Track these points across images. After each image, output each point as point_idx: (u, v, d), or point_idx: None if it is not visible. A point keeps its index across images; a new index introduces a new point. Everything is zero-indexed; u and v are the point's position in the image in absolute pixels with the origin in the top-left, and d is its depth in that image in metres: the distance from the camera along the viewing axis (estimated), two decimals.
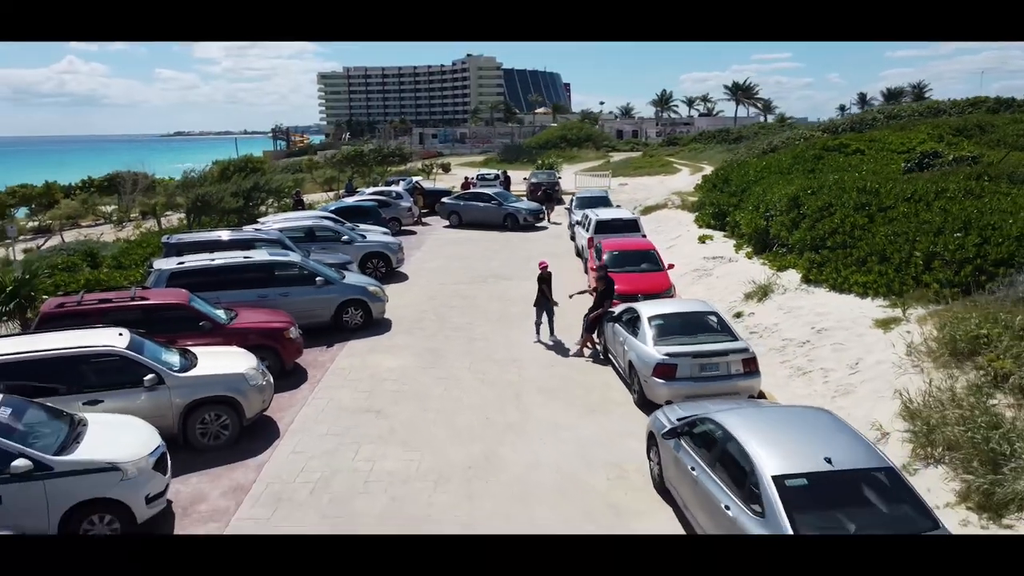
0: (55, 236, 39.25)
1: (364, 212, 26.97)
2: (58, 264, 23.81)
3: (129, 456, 8.57)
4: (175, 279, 15.24)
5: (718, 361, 11.34)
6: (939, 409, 9.66)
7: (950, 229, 14.97)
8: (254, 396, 11.23)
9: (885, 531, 6.41)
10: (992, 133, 30.81)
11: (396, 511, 9.30)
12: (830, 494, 6.75)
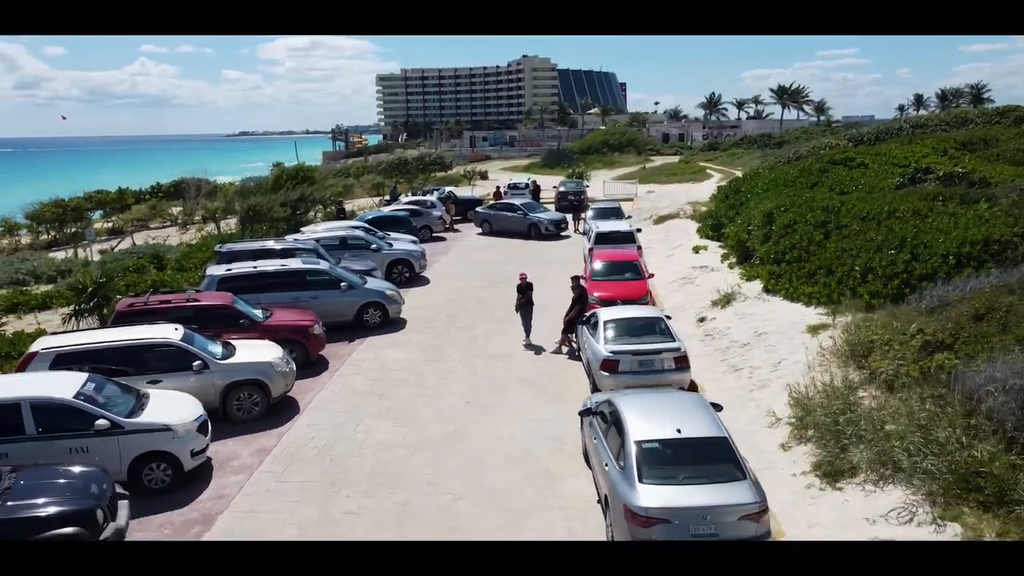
0: (127, 238, 43.31)
1: (397, 221, 29.90)
2: (129, 267, 27.36)
3: (179, 421, 11.45)
4: (224, 283, 18.30)
5: (654, 358, 13.72)
6: (815, 400, 11.90)
7: (888, 247, 16.99)
8: (279, 380, 14.08)
9: (707, 480, 8.80)
10: (995, 147, 31.99)
11: (380, 470, 11.98)
12: (674, 454, 9.16)
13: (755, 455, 11.45)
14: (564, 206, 38.10)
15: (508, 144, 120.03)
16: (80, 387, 11.25)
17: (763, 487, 8.97)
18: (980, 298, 13.67)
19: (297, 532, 10.24)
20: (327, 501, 11.03)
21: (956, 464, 9.27)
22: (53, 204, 48.22)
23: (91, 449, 10.77)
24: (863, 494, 9.84)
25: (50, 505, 8.89)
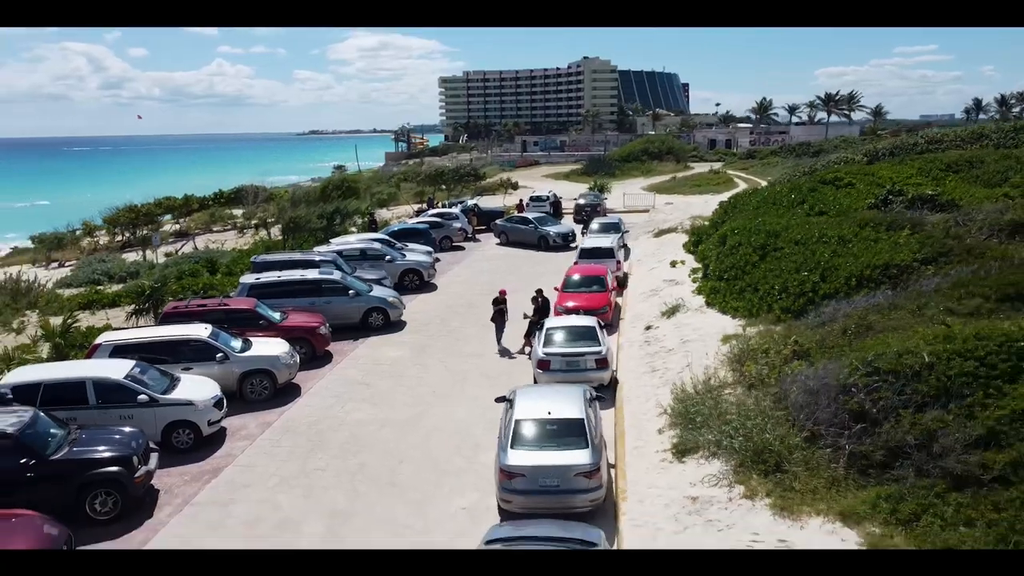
0: (190, 242, 48.24)
1: (417, 233, 33.62)
2: (185, 271, 31.71)
3: (199, 398, 15.24)
4: (253, 290, 22.22)
5: (579, 359, 16.96)
6: (690, 396, 14.98)
7: (804, 269, 19.81)
8: (284, 370, 17.81)
9: (559, 447, 12.03)
10: (978, 169, 33.76)
11: (351, 440, 15.55)
12: (541, 429, 12.42)
13: (638, 437, 14.67)
14: (581, 218, 41.25)
15: (558, 149, 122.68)
16: (129, 371, 15.15)
17: (619, 458, 12.21)
18: (853, 316, 16.51)
19: (279, 481, 13.87)
20: (305, 460, 14.66)
21: (754, 444, 12.33)
22: (127, 209, 53.69)
23: (135, 416, 14.61)
24: (696, 466, 12.94)
25: (103, 452, 12.69)
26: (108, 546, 11.83)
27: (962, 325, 13.43)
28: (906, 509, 10.25)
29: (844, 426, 11.90)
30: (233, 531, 12.22)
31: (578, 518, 11.27)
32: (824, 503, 10.93)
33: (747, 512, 11.26)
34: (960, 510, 9.96)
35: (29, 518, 11.10)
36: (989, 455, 10.45)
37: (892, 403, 11.84)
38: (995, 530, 9.47)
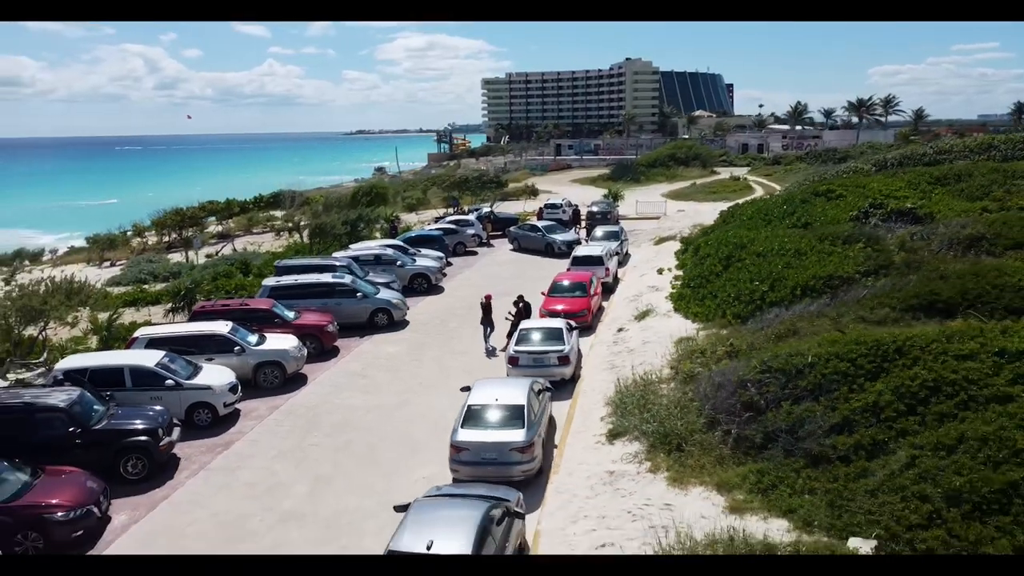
0: (229, 244, 51.78)
1: (431, 239, 36.38)
2: (220, 272, 34.91)
3: (217, 383, 18.13)
4: (273, 292, 25.18)
5: (543, 356, 19.45)
6: (628, 389, 17.37)
7: (757, 278, 22.01)
8: (292, 362, 20.66)
9: (499, 427, 14.55)
10: (966, 182, 35.21)
11: (342, 422, 18.28)
12: (487, 412, 14.96)
13: (583, 423, 17.14)
14: (592, 225, 43.55)
15: (591, 153, 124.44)
16: (159, 360, 18.12)
17: (562, 439, 14.70)
18: (786, 322, 18.74)
19: (277, 454, 16.66)
20: (302, 437, 17.44)
21: (664, 429, 14.72)
22: (174, 212, 57.60)
23: (163, 397, 17.54)
24: (621, 447, 15.37)
25: (135, 424, 15.60)
26: (136, 500, 14.73)
27: (860, 331, 15.62)
28: (766, 481, 12.58)
29: (737, 414, 14.23)
30: (236, 491, 15.04)
31: (515, 485, 13.80)
32: (708, 476, 13.29)
33: (648, 483, 13.68)
34: (807, 482, 12.26)
35: (76, 473, 14.05)
36: (840, 439, 12.71)
37: (777, 396, 14.14)
38: (827, 497, 11.77)
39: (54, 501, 12.99)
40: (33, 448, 14.55)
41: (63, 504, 12.96)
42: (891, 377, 13.41)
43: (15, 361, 22.23)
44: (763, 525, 11.55)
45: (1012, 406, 12.04)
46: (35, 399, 15.50)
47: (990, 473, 10.82)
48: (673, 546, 10.95)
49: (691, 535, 11.21)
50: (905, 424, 12.50)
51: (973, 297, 16.83)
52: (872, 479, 11.72)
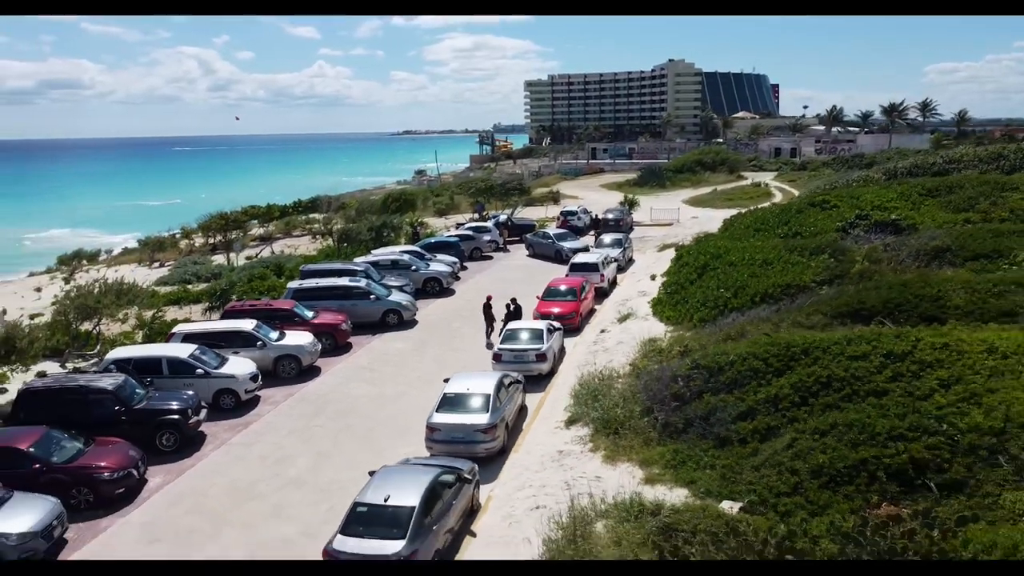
0: (268, 247, 55.42)
1: (448, 245, 39.23)
2: (256, 274, 38.24)
3: (240, 372, 21.19)
4: (296, 294, 28.28)
5: (523, 354, 22.09)
6: (588, 383, 19.91)
7: (723, 286, 24.33)
8: (307, 356, 23.66)
9: (467, 411, 17.23)
10: (956, 194, 36.73)
11: (346, 408, 21.15)
12: (458, 399, 17.66)
13: (550, 411, 19.76)
14: (602, 232, 45.91)
15: (626, 156, 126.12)
16: (192, 352, 21.26)
17: (529, 425, 17.36)
18: (737, 325, 21.11)
19: (287, 432, 19.61)
20: (310, 420, 20.38)
21: (607, 416, 17.27)
22: (219, 216, 61.46)
23: (194, 384, 20.63)
24: (574, 431, 17.95)
25: (169, 404, 18.68)
26: (168, 467, 17.79)
27: (781, 334, 17.96)
28: (679, 458, 15.07)
29: (667, 404, 16.71)
30: (251, 462, 18.02)
31: (480, 460, 16.50)
32: (635, 454, 15.83)
33: (587, 460, 16.26)
34: (710, 459, 14.73)
35: (121, 444, 17.17)
36: (742, 425, 15.14)
37: (700, 388, 16.60)
38: (722, 471, 14.22)
39: (102, 464, 16.09)
40: (86, 423, 17.69)
41: (109, 467, 16.06)
42: (793, 374, 15.78)
43: (73, 351, 25.73)
44: (667, 493, 14.07)
45: (885, 399, 14.36)
46: (88, 383, 18.71)
47: (847, 452, 13.19)
48: (587, 507, 13.52)
49: (604, 499, 13.78)
50: (796, 413, 14.89)
51: (894, 306, 19.00)
52: (759, 457, 14.16)
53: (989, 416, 13.14)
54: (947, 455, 12.72)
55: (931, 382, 14.54)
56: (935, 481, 12.37)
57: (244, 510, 15.73)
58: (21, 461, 15.68)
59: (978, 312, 18.21)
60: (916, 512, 10.12)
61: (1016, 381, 14.04)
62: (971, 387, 14.09)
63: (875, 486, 12.54)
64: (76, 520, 15.35)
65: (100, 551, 14.48)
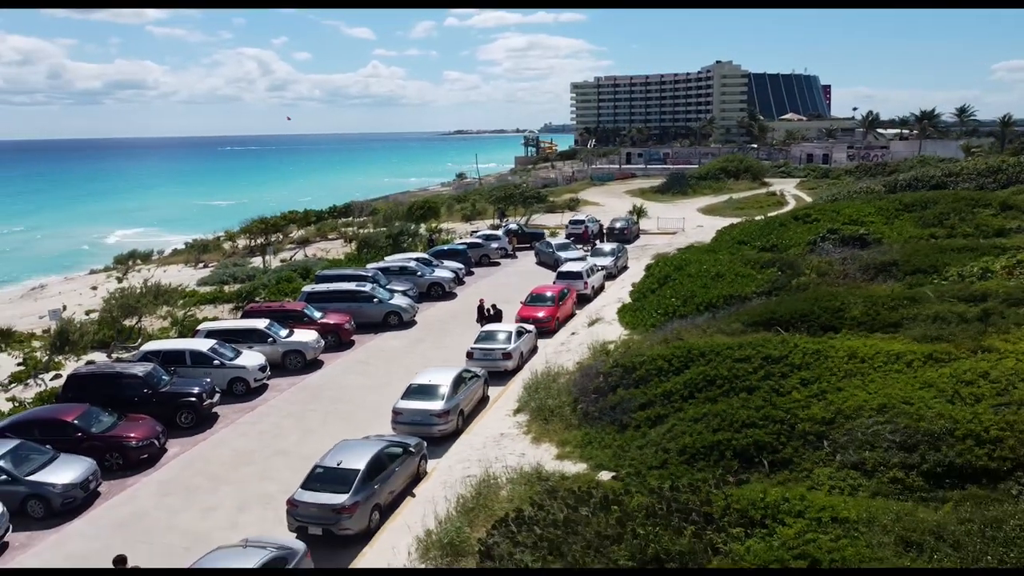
0: (302, 250, 59.85)
1: (455, 252, 42.86)
2: (283, 276, 42.42)
3: (250, 363, 25.10)
4: (309, 297, 32.21)
5: (491, 353, 25.52)
6: (538, 377, 23.24)
7: (676, 295, 27.40)
8: (311, 351, 27.50)
9: (424, 399, 20.75)
10: (930, 209, 38.80)
11: (338, 396, 24.88)
12: (420, 389, 21.19)
13: (505, 402, 23.14)
14: (611, 240, 49.04)
15: (660, 161, 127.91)
16: (211, 346, 25.24)
17: (484, 413, 20.87)
18: (676, 331, 24.21)
19: (286, 414, 23.38)
20: (305, 404, 24.15)
21: (541, 405, 20.63)
22: (259, 220, 66.21)
23: (212, 373, 24.58)
24: (518, 418, 21.32)
25: (188, 389, 22.62)
26: (185, 440, 21.70)
27: (694, 339, 21.08)
28: (587, 440, 18.37)
29: (589, 396, 20.00)
30: (251, 437, 21.82)
31: (434, 440, 20.03)
32: (556, 436, 19.16)
33: (519, 441, 19.66)
34: (611, 441, 17.98)
35: (147, 419, 21.13)
36: (640, 414, 18.37)
37: (616, 383, 19.85)
38: (615, 450, 17.48)
39: (130, 435, 20.06)
40: (120, 402, 21.74)
41: (135, 437, 20.02)
42: (688, 372, 18.95)
43: (118, 344, 30.04)
44: (571, 466, 17.39)
45: (753, 394, 17.45)
46: (123, 369, 22.82)
47: (708, 435, 16.35)
48: (499, 472, 16.93)
49: (517, 469, 17.16)
50: (682, 404, 18.06)
51: (800, 316, 21.93)
52: (645, 439, 17.39)
53: (825, 409, 16.18)
54: (784, 439, 15.81)
55: (794, 381, 17.59)
56: (768, 459, 15.47)
57: (239, 473, 19.53)
58: (67, 430, 19.75)
59: (870, 323, 21.05)
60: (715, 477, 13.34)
61: (859, 381, 17.03)
62: (823, 386, 17.13)
63: (723, 462, 15.68)
64: (108, 478, 19.31)
65: (126, 501, 18.41)
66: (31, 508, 17.35)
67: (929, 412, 15.24)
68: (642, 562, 11.05)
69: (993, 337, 18.39)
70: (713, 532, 11.57)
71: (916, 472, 14.13)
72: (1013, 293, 22.56)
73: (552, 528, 12.47)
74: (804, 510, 11.63)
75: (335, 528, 15.53)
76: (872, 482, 14.14)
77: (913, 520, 11.03)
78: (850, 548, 10.41)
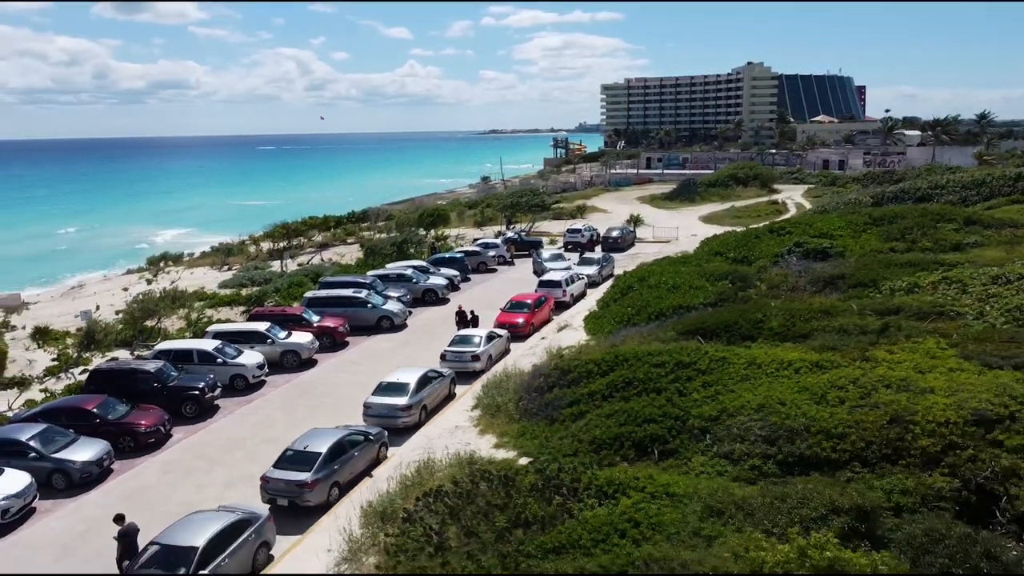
0: (318, 255, 63.55)
1: (452, 260, 46.07)
2: (295, 281, 46.00)
3: (249, 362, 28.55)
4: (309, 302, 35.67)
5: (462, 355, 28.65)
6: (495, 377, 26.30)
7: (634, 305, 30.24)
8: (306, 351, 30.90)
9: (390, 395, 23.94)
10: (897, 224, 40.92)
11: (327, 391, 28.19)
12: (388, 386, 24.37)
13: (467, 399, 26.26)
14: (606, 248, 51.90)
15: (679, 166, 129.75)
16: (216, 346, 28.75)
17: (447, 407, 24.06)
18: (623, 338, 27.11)
19: (278, 407, 26.74)
20: (296, 399, 27.50)
21: (493, 402, 23.69)
22: (281, 226, 70.20)
23: (215, 370, 28.06)
24: (473, 413, 24.39)
25: (193, 383, 26.10)
26: (188, 428, 25.16)
27: (630, 346, 23.97)
28: (521, 432, 21.38)
29: (531, 394, 23.03)
30: (245, 426, 25.22)
31: (399, 430, 23.23)
32: (498, 429, 22.22)
33: (468, 433, 22.75)
34: (541, 432, 20.98)
35: (155, 409, 24.63)
36: (567, 410, 21.33)
37: (554, 383, 22.84)
38: (541, 440, 20.47)
39: (140, 422, 23.56)
40: (134, 394, 25.28)
41: (145, 424, 23.51)
42: (612, 375, 21.88)
43: (139, 342, 33.77)
44: (503, 454, 20.44)
45: (661, 395, 20.33)
46: (137, 366, 26.44)
47: (615, 428, 19.28)
48: (441, 457, 20.05)
49: (456, 455, 20.26)
50: (601, 403, 20.99)
51: (724, 327, 24.68)
52: (566, 432, 20.37)
53: (714, 408, 19.04)
54: (675, 433, 18.69)
55: (697, 384, 20.45)
56: (659, 449, 18.38)
57: (231, 456, 22.92)
58: (87, 417, 23.32)
59: (784, 333, 23.76)
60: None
61: (750, 385, 19.84)
62: (719, 388, 19.98)
63: (621, 451, 18.63)
64: (121, 458, 22.81)
65: (133, 477, 21.88)
66: (55, 480, 20.88)
67: (796, 412, 17.98)
68: (515, 524, 14.09)
69: (879, 348, 21.06)
70: (574, 502, 14.57)
71: (772, 461, 16.90)
72: (923, 307, 25.14)
73: (456, 499, 15.56)
74: (645, 486, 14.58)
75: (298, 500, 18.81)
76: (736, 469, 16.94)
77: (725, 495, 13.90)
78: (667, 514, 13.35)
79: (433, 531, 14.62)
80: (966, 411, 16.85)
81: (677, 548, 12.26)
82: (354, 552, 15.91)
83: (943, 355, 20.34)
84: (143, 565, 15.23)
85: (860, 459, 16.45)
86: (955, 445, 16.21)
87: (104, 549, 17.27)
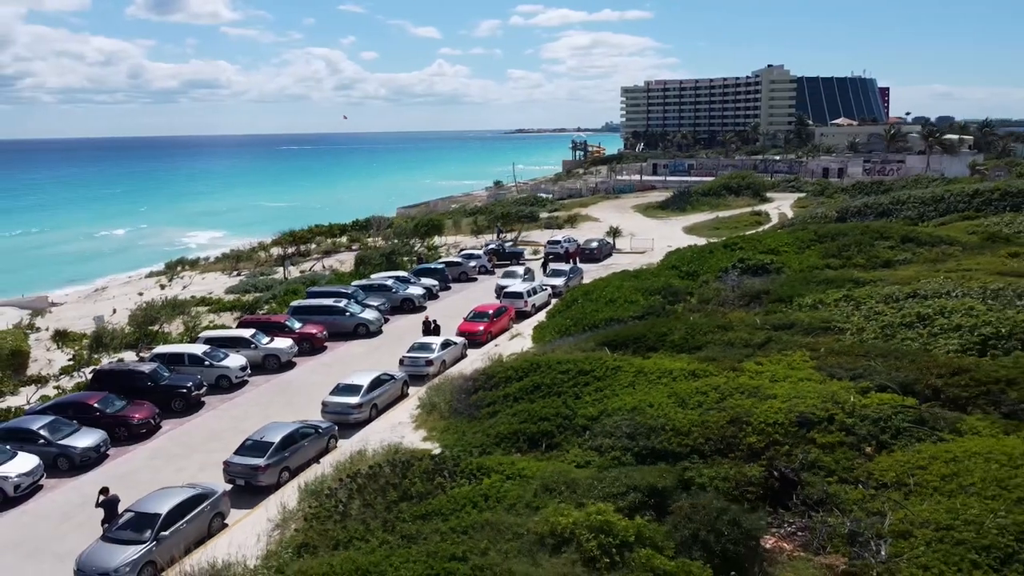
0: (319, 262, 67.90)
1: (433, 271, 50.12)
2: (291, 288, 50.34)
3: (232, 364, 32.79)
4: (294, 311, 39.92)
5: (417, 360, 32.65)
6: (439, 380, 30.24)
7: (572, 318, 34.03)
8: (285, 355, 35.11)
9: (345, 395, 28.00)
10: (838, 241, 44.14)
11: (303, 389, 32.24)
12: (345, 387, 28.45)
13: (414, 400, 30.26)
14: (584, 259, 55.67)
15: (685, 172, 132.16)
16: (204, 350, 33.07)
17: (398, 405, 28.13)
18: (555, 346, 30.97)
19: (255, 403, 30.94)
20: (272, 396, 31.66)
21: (430, 402, 27.66)
22: (288, 233, 74.69)
23: (203, 371, 32.33)
24: (415, 412, 28.37)
25: (181, 382, 30.36)
26: (175, 421, 29.43)
27: (541, 355, 27.82)
28: (446, 427, 25.28)
29: (461, 395, 26.96)
30: (225, 420, 29.42)
31: (351, 425, 27.29)
32: (431, 425, 26.17)
33: (406, 428, 26.73)
34: (460, 428, 24.89)
35: (147, 404, 28.90)
36: (485, 410, 25.22)
37: (482, 386, 26.76)
38: (458, 434, 24.38)
39: (134, 415, 27.86)
40: (131, 391, 29.62)
41: (137, 416, 27.80)
42: (525, 380, 25.76)
43: (143, 345, 38.24)
44: (427, 445, 24.39)
45: (560, 397, 24.16)
46: (134, 367, 30.83)
47: (516, 424, 23.13)
48: (378, 448, 24.04)
49: (386, 445, 24.24)
50: (512, 404, 24.87)
51: (634, 339, 28.42)
52: (481, 428, 24.27)
53: (597, 409, 22.84)
54: (562, 429, 22.53)
55: (591, 389, 24.28)
56: (547, 443, 22.22)
57: (208, 445, 27.12)
58: (89, 410, 27.69)
59: (682, 345, 27.46)
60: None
61: (632, 390, 23.62)
62: (607, 393, 23.78)
63: (517, 444, 22.51)
64: (116, 446, 27.10)
65: (127, 461, 26.16)
66: (59, 463, 25.22)
67: (659, 413, 21.75)
68: (403, 498, 18.07)
69: (752, 360, 24.73)
70: (450, 481, 18.52)
71: (630, 453, 20.68)
72: (813, 323, 28.74)
73: (365, 479, 19.58)
74: (505, 469, 18.47)
75: (253, 481, 22.94)
76: (601, 459, 20.74)
77: (562, 476, 17.76)
78: (513, 491, 17.24)
79: (341, 503, 18.65)
80: (793, 414, 20.53)
81: (510, 515, 16.16)
82: (284, 520, 19.97)
83: (802, 367, 23.99)
84: (120, 527, 19.42)
85: (698, 452, 20.19)
86: (777, 442, 19.93)
87: (94, 516, 21.52)
